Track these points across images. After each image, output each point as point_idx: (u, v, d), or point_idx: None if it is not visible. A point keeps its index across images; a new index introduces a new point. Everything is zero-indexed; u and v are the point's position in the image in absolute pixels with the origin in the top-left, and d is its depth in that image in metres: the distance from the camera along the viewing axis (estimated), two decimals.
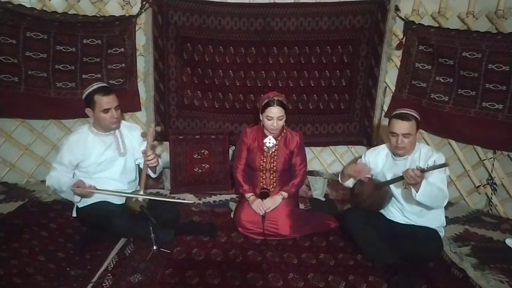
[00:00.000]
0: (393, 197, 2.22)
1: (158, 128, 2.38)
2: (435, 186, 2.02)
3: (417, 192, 1.96)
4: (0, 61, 2.71)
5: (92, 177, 2.27)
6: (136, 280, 1.91)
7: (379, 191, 2.18)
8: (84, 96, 2.22)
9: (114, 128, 2.30)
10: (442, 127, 2.88)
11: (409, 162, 2.15)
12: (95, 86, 2.22)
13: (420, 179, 1.93)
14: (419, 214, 2.17)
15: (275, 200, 2.39)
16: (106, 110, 2.18)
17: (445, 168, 2.05)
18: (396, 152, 2.19)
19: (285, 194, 2.43)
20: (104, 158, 2.27)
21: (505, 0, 2.53)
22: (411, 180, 1.93)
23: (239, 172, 2.55)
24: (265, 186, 2.51)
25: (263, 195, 2.38)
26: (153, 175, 2.45)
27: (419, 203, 2.06)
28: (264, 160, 2.47)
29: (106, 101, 2.17)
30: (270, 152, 2.47)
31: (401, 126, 2.09)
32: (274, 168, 2.49)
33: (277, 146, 2.47)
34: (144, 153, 2.19)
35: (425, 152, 2.13)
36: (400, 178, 2.05)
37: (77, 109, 2.96)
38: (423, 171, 1.90)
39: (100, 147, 2.27)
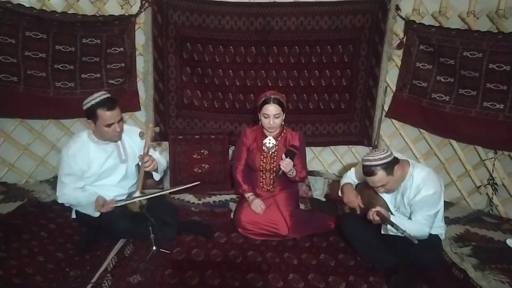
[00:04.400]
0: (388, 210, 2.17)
1: (157, 129, 2.33)
2: (412, 222, 1.96)
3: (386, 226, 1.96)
4: (0, 61, 2.69)
5: (93, 184, 2.24)
6: (136, 281, 1.90)
7: (373, 202, 2.12)
8: (85, 107, 2.08)
9: (115, 141, 2.22)
10: (443, 127, 2.87)
11: (402, 188, 2.05)
12: (98, 98, 2.06)
13: (382, 221, 1.93)
14: None
15: (291, 167, 2.28)
16: (109, 125, 2.08)
17: (434, 206, 1.95)
18: (385, 193, 2.11)
19: (294, 172, 2.35)
20: (106, 167, 2.21)
21: (505, 0, 2.52)
22: (373, 221, 1.96)
23: (238, 172, 2.54)
24: (265, 186, 2.50)
25: (289, 153, 2.27)
26: (156, 178, 2.41)
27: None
28: (264, 161, 2.46)
29: (110, 116, 2.05)
30: (270, 153, 2.46)
31: (371, 181, 1.95)
32: (274, 168, 2.47)
33: (277, 147, 2.46)
34: (141, 157, 2.15)
35: (417, 185, 1.95)
36: (389, 222, 1.93)
37: (76, 109, 2.94)
38: (379, 215, 1.91)
39: (101, 156, 2.20)
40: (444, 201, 2.25)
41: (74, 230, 2.36)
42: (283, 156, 2.29)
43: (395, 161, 1.93)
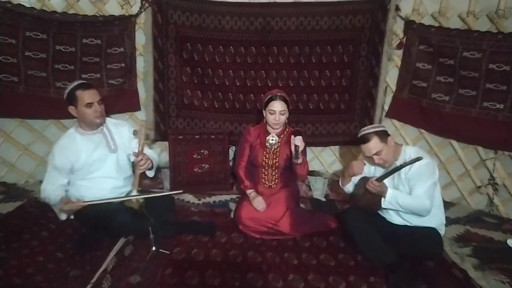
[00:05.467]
0: None
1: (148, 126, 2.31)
2: (412, 197, 2.02)
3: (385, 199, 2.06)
4: (0, 61, 2.69)
5: (87, 177, 2.26)
6: (136, 281, 1.90)
7: (374, 196, 2.15)
8: (65, 94, 2.20)
9: (99, 124, 2.26)
10: (443, 127, 2.87)
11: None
12: (75, 83, 2.22)
13: (381, 188, 2.04)
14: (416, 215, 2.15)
15: (303, 143, 2.30)
16: (89, 104, 2.16)
17: (431, 176, 2.03)
18: (382, 167, 2.18)
19: (301, 160, 2.35)
20: (95, 157, 2.25)
21: (505, 0, 2.52)
22: (373, 191, 2.05)
23: (241, 169, 2.56)
24: (267, 182, 2.51)
25: (297, 132, 2.32)
26: (150, 175, 2.41)
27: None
28: (267, 156, 2.48)
29: (88, 95, 2.16)
30: (273, 149, 2.48)
31: (366, 149, 2.08)
32: (276, 164, 2.49)
33: (279, 144, 2.48)
34: (136, 154, 2.16)
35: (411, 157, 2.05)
36: (391, 172, 2.06)
37: None
38: (379, 180, 2.05)
39: (89, 146, 2.24)
40: (445, 201, 2.28)
41: (74, 230, 2.35)
42: (292, 136, 2.32)
43: (387, 132, 2.12)
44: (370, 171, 2.31)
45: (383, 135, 2.07)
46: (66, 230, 2.37)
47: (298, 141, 2.27)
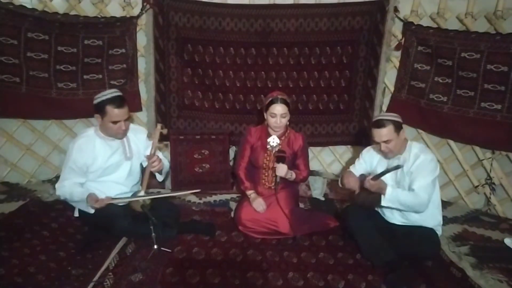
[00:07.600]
0: None
1: (165, 131, 2.31)
2: (410, 192, 2.04)
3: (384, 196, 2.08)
4: (2, 61, 2.72)
5: (97, 180, 2.26)
6: (137, 279, 1.92)
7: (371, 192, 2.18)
8: (95, 101, 2.16)
9: (119, 138, 2.26)
10: (441, 127, 2.89)
11: (401, 161, 2.15)
12: (109, 95, 2.15)
13: (378, 185, 2.07)
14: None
15: (286, 171, 2.37)
16: (115, 122, 2.15)
17: (432, 172, 2.06)
18: (385, 157, 2.21)
19: (293, 175, 2.43)
20: (111, 163, 2.25)
21: (503, 1, 2.54)
22: (371, 189, 2.09)
23: (241, 170, 2.57)
24: (267, 183, 2.52)
25: (280, 159, 2.37)
26: (159, 179, 2.45)
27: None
28: (268, 159, 2.49)
29: (117, 113, 2.13)
30: (274, 151, 2.49)
31: (378, 134, 2.09)
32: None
33: (280, 146, 2.49)
34: (148, 157, 2.18)
35: (415, 153, 2.12)
36: (384, 172, 2.09)
37: (78, 110, 2.99)
38: (374, 179, 2.08)
39: (106, 152, 2.24)
40: (442, 201, 2.29)
41: (76, 229, 2.38)
42: (275, 163, 2.36)
43: (401, 125, 2.13)
44: (372, 165, 2.32)
45: (398, 126, 2.09)
46: (68, 229, 2.39)
47: (279, 170, 2.34)
